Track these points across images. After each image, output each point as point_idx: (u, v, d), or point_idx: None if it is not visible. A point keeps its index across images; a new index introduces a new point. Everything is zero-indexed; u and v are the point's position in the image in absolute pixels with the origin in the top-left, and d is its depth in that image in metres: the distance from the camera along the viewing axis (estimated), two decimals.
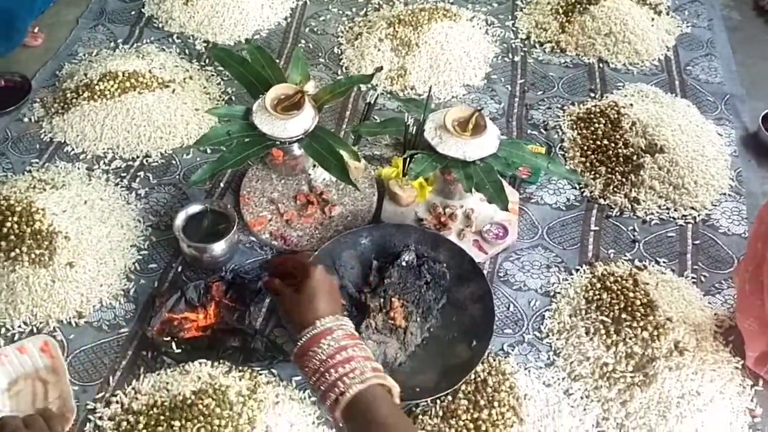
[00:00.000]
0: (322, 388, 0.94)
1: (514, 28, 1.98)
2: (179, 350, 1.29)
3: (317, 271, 1.05)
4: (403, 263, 1.36)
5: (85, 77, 1.70)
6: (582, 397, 1.25)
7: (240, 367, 1.27)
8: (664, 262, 1.45)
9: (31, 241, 1.36)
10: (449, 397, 1.23)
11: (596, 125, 1.65)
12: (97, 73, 1.69)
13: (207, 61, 1.85)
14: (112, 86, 1.65)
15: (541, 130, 1.71)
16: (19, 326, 1.34)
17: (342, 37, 1.94)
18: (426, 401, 1.23)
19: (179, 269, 1.43)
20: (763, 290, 1.17)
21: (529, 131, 1.71)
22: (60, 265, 1.36)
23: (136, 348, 1.32)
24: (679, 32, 1.97)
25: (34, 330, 1.34)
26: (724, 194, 1.57)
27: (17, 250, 1.35)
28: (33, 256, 1.35)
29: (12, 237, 1.36)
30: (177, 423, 1.16)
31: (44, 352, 1.26)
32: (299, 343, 0.98)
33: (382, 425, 0.86)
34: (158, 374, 1.27)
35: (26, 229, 1.37)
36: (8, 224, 1.37)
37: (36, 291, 1.35)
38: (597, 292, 1.37)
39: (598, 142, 1.61)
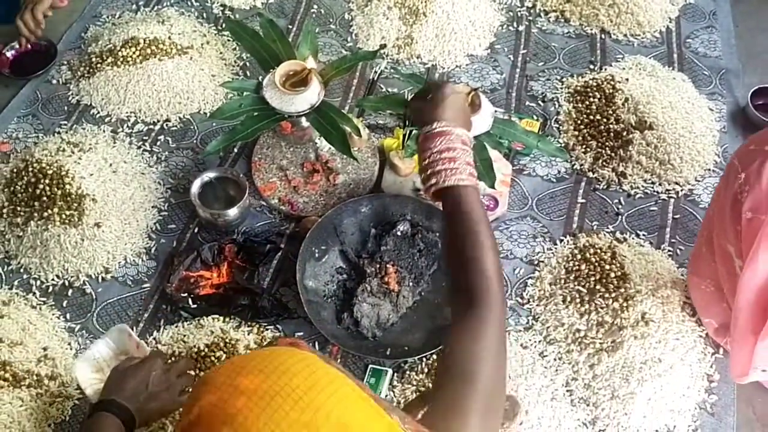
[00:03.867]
0: (428, 173, 1.13)
1: None
2: (195, 306, 1.43)
3: (449, 87, 1.19)
4: (398, 233, 1.48)
5: (109, 42, 1.79)
6: (555, 359, 1.38)
7: (248, 323, 1.42)
8: (643, 235, 1.55)
9: (61, 203, 1.49)
10: (434, 356, 1.37)
11: (591, 100, 1.72)
12: (120, 39, 1.78)
13: (223, 26, 1.93)
14: (134, 53, 1.74)
15: (539, 102, 1.78)
16: (53, 279, 1.49)
17: (353, 2, 1.99)
18: (414, 359, 1.37)
19: (195, 230, 1.57)
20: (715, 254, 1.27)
21: (527, 103, 1.78)
22: (88, 225, 1.49)
23: (157, 302, 1.47)
24: (683, 2, 1.99)
25: (66, 283, 1.49)
26: (709, 170, 1.64)
27: (49, 211, 1.48)
28: (63, 216, 1.48)
29: (44, 198, 1.49)
30: (192, 372, 1.31)
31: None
32: (423, 133, 1.15)
33: (465, 213, 1.08)
34: (176, 327, 1.42)
35: (57, 191, 1.50)
36: (41, 186, 1.50)
37: (67, 248, 1.48)
38: (576, 263, 1.47)
39: (591, 117, 1.69)
